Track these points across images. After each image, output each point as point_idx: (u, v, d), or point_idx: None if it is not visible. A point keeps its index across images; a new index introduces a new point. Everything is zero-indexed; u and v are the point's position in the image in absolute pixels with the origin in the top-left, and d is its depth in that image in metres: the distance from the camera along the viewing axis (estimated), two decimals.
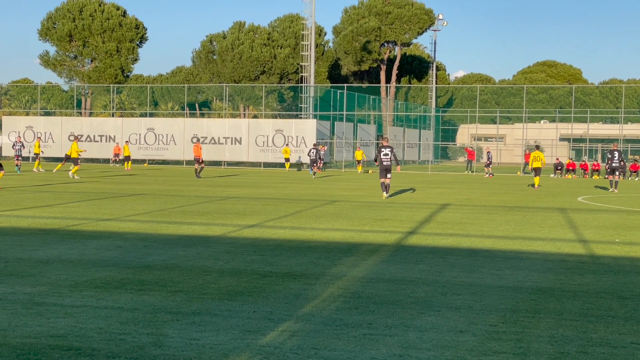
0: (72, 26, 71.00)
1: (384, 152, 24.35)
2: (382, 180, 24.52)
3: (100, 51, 71.24)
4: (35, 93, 79.81)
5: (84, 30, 71.06)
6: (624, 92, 71.65)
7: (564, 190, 33.05)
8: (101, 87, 71.80)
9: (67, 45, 71.88)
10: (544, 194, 29.29)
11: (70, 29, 71.03)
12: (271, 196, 25.14)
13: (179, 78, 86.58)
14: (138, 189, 27.23)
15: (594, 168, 50.81)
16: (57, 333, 6.78)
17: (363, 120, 68.69)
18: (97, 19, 71.19)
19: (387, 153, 24.34)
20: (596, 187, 36.26)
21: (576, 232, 15.87)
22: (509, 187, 34.86)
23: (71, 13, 71.61)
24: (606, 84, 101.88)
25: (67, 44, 71.75)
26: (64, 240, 12.99)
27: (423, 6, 79.41)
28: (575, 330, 7.21)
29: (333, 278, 9.79)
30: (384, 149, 24.48)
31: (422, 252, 12.40)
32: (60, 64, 72.85)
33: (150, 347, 6.38)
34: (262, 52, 72.23)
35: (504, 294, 8.97)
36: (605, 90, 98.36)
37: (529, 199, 26.45)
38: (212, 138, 56.23)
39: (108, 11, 71.97)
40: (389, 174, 24.39)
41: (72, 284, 9.10)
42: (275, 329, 7.08)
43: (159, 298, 8.35)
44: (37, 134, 57.31)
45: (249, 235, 14.19)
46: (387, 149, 24.40)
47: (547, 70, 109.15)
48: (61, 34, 71.02)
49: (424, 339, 6.81)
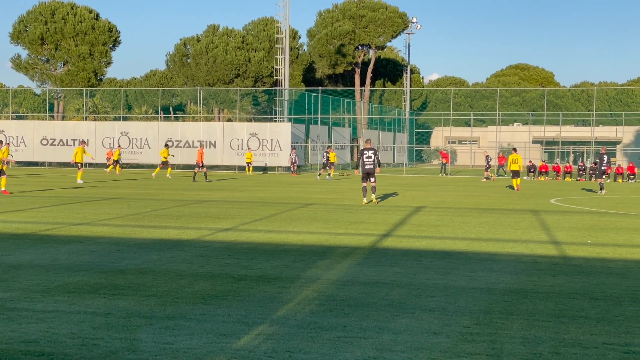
0: (44, 29, 70.43)
1: (366, 155, 23.11)
2: (364, 185, 23.29)
3: (73, 54, 70.72)
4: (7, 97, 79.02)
5: (56, 34, 70.52)
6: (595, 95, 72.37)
7: (537, 192, 33.31)
8: (74, 91, 71.28)
9: (39, 49, 71.29)
10: (517, 196, 29.49)
11: (42, 32, 70.46)
12: (246, 199, 25.08)
13: (153, 81, 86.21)
14: (112, 193, 27.06)
15: (566, 170, 51.27)
16: (29, 338, 6.72)
17: (338, 124, 68.77)
18: (70, 22, 70.67)
19: (370, 156, 23.10)
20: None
21: (549, 233, 16.00)
22: (482, 189, 35.06)
23: (43, 16, 71.03)
24: (578, 87, 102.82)
25: (39, 47, 71.16)
26: (36, 245, 12.88)
27: (397, 9, 79.74)
28: (548, 331, 7.27)
29: (307, 281, 9.79)
30: (366, 151, 23.18)
31: (396, 254, 12.44)
32: (32, 67, 72.22)
33: (124, 352, 6.35)
34: (237, 56, 72.10)
35: (477, 295, 9.03)
36: (577, 93, 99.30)
37: (503, 201, 26.63)
38: (187, 142, 56.04)
39: (81, 14, 71.46)
40: (372, 177, 23.16)
41: (44, 289, 9.02)
42: (250, 332, 7.06)
43: (133, 302, 8.30)
44: (8, 138, 56.73)
45: (223, 239, 14.16)
46: (369, 152, 23.16)
47: (520, 73, 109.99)
48: (33, 37, 70.43)
49: (398, 341, 6.83)
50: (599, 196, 31.08)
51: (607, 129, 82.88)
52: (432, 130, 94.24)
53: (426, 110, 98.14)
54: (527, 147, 71.91)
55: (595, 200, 27.97)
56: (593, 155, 67.65)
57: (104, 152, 56.79)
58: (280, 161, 54.22)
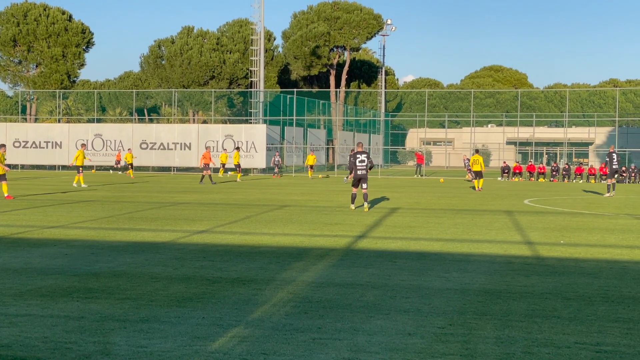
0: (16, 31, 69.78)
1: (359, 159, 21.62)
2: (354, 191, 21.94)
3: (46, 56, 70.14)
4: None
5: (29, 35, 69.90)
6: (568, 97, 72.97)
7: (511, 193, 33.54)
8: (47, 93, 70.68)
9: (12, 50, 70.61)
10: (492, 197, 29.67)
11: (15, 34, 69.81)
12: (221, 201, 25.02)
13: (127, 83, 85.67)
14: (86, 196, 26.87)
15: (539, 171, 51.66)
16: (1, 343, 6.66)
17: (313, 125, 68.81)
18: (42, 23, 70.09)
19: (363, 160, 21.62)
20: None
21: (522, 234, 16.12)
22: (457, 190, 35.23)
23: (15, 17, 70.37)
24: (551, 89, 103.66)
25: (11, 48, 70.48)
26: (8, 249, 12.76)
27: (372, 11, 79.92)
28: (521, 331, 7.33)
29: (283, 283, 9.79)
30: (359, 155, 21.68)
31: (371, 256, 12.47)
32: (4, 69, 71.51)
33: (97, 356, 6.31)
34: (211, 57, 71.89)
35: (451, 296, 9.08)
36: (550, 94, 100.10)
37: (477, 202, 26.78)
38: (162, 144, 55.78)
39: (53, 15, 70.89)
40: (364, 183, 21.68)
41: (17, 293, 8.95)
42: (225, 334, 7.06)
43: (106, 306, 8.26)
44: None
45: (198, 241, 14.12)
46: (362, 155, 21.67)
47: (494, 75, 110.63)
48: (5, 38, 69.75)
49: (372, 342, 6.85)
50: (569, 197, 31.33)
51: (579, 130, 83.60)
52: (407, 132, 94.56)
53: (401, 111, 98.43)
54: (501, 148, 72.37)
55: (568, 201, 28.21)
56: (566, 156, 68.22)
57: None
58: (255, 163, 54.13)
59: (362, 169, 21.60)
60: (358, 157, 21.70)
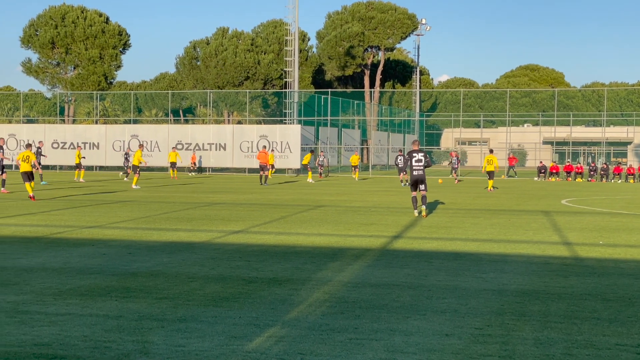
0: (54, 33, 70.69)
1: (415, 158, 19.72)
2: (414, 194, 19.96)
3: (83, 58, 70.95)
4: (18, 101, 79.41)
5: (67, 37, 70.77)
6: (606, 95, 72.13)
7: (548, 193, 33.21)
8: (84, 94, 71.51)
9: (50, 53, 71.56)
10: (528, 197, 29.40)
11: (53, 36, 70.73)
12: (256, 202, 25.10)
13: (163, 84, 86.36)
14: (122, 196, 27.12)
15: (577, 171, 51.10)
16: (42, 341, 6.74)
17: (347, 125, 68.77)
18: (80, 25, 70.91)
19: (419, 159, 19.70)
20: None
21: (560, 234, 15.94)
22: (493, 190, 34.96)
23: (53, 20, 71.30)
24: (588, 88, 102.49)
25: (50, 51, 71.43)
26: (48, 249, 12.92)
27: (406, 11, 79.70)
28: (560, 333, 7.24)
29: (319, 283, 9.78)
30: (415, 154, 19.83)
31: (407, 256, 12.42)
32: (43, 71, 72.51)
33: (136, 355, 6.36)
34: (246, 58, 72.20)
35: (489, 297, 9.00)
36: (587, 93, 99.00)
37: (514, 202, 26.55)
38: (197, 144, 56.11)
39: (91, 18, 71.71)
40: (421, 185, 19.73)
41: (56, 292, 9.05)
42: (261, 334, 7.06)
43: (144, 305, 8.32)
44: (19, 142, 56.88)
45: (234, 241, 14.17)
46: (419, 154, 19.78)
47: (530, 74, 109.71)
48: (43, 41, 70.70)
49: (409, 342, 6.81)
50: (608, 198, 30.94)
51: (617, 129, 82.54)
52: (442, 132, 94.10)
53: (436, 111, 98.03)
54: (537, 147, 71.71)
55: (606, 201, 27.86)
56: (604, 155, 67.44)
57: (114, 156, 57.01)
58: (290, 163, 54.22)
59: (419, 169, 19.69)
60: (414, 156, 19.84)
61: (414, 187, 19.87)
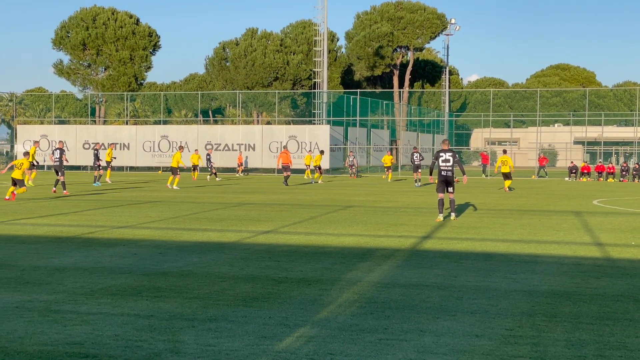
0: (85, 35, 71.35)
1: (442, 158, 18.69)
2: (440, 196, 18.85)
3: (114, 59, 71.54)
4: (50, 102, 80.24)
5: (98, 39, 71.39)
6: (638, 95, 71.26)
7: (579, 193, 32.91)
8: (115, 95, 72.10)
9: (81, 54, 72.22)
10: (559, 197, 29.16)
11: (84, 38, 71.38)
12: (285, 202, 25.15)
13: (192, 85, 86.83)
14: (152, 196, 27.31)
15: (608, 171, 50.57)
16: (74, 340, 6.81)
17: (376, 126, 68.66)
18: (111, 27, 71.51)
19: (447, 159, 18.62)
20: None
21: (592, 235, 15.80)
22: (523, 190, 34.72)
23: (84, 22, 71.96)
24: (620, 87, 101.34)
25: (81, 52, 72.09)
26: (79, 248, 13.06)
27: (435, 11, 79.38)
28: (592, 334, 7.18)
29: (348, 283, 9.79)
30: (442, 153, 18.75)
31: (436, 256, 12.38)
32: (74, 72, 73.20)
33: (167, 354, 6.41)
34: (275, 59, 72.35)
35: (519, 298, 8.95)
36: (619, 92, 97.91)
37: (544, 202, 26.35)
38: (226, 145, 56.34)
39: (121, 19, 72.28)
40: (449, 187, 18.74)
41: (88, 292, 9.14)
42: (291, 334, 7.08)
43: (175, 305, 8.38)
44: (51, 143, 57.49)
45: (263, 242, 14.21)
46: (447, 154, 18.66)
47: (561, 73, 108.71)
48: (75, 42, 71.38)
49: (439, 343, 6.80)
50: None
51: None
52: (471, 132, 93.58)
53: (465, 111, 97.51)
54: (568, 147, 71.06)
55: (639, 202, 27.53)
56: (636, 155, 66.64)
57: (145, 156, 57.43)
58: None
59: (447, 170, 18.58)
60: (441, 155, 18.75)
61: (441, 188, 18.75)
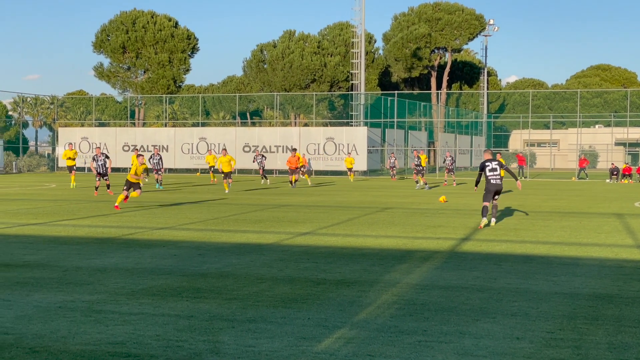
0: (125, 38, 72.12)
1: (489, 168, 18.35)
2: (485, 204, 18.16)
3: (153, 62, 72.20)
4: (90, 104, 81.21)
5: (137, 42, 72.12)
6: None
7: (620, 195, 32.46)
8: (154, 98, 72.75)
9: (121, 57, 73.01)
10: (600, 199, 28.80)
11: (124, 41, 72.16)
12: (323, 204, 25.17)
13: (230, 87, 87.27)
14: (191, 198, 27.52)
15: None
16: (116, 340, 6.90)
17: (414, 127, 68.41)
18: (150, 30, 72.20)
19: (493, 168, 18.36)
20: None
21: (634, 237, 15.58)
22: (563, 192, 34.36)
23: (124, 25, 72.75)
24: None
25: (121, 55, 72.88)
26: (121, 249, 13.20)
27: (473, 12, 78.91)
28: (635, 337, 7.09)
29: (387, 285, 9.77)
30: (488, 163, 18.44)
31: (476, 258, 12.31)
32: (114, 75, 74.02)
33: (207, 354, 6.46)
34: (313, 61, 72.45)
35: (560, 300, 8.86)
36: None
37: (585, 204, 26.05)
38: (264, 147, 56.56)
39: (160, 22, 72.93)
40: (497, 195, 18.55)
41: (130, 292, 9.24)
42: (330, 336, 7.09)
43: (215, 305, 8.44)
44: (91, 145, 58.22)
45: (302, 243, 14.25)
46: (492, 163, 18.43)
47: (601, 74, 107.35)
48: (115, 46, 72.19)
49: (479, 345, 6.76)
50: None
51: None
52: (510, 133, 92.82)
53: (504, 112, 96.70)
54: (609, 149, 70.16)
55: None
56: None
57: (183, 158, 57.88)
58: (356, 165, 54.15)
59: (496, 178, 18.30)
60: (487, 165, 18.42)
61: (489, 197, 18.26)
